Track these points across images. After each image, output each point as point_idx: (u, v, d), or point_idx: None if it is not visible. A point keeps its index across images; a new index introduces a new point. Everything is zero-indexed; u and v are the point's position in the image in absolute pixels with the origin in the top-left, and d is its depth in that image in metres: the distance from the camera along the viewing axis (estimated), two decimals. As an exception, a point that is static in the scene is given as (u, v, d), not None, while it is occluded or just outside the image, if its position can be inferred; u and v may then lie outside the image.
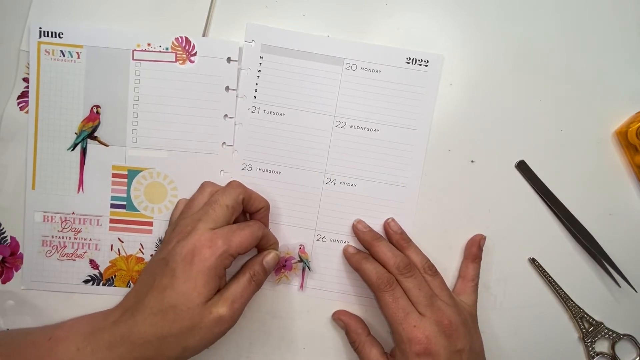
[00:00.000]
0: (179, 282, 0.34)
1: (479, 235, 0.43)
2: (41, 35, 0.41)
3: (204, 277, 0.34)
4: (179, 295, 0.34)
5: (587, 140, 0.43)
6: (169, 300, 0.34)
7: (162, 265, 0.36)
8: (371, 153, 0.43)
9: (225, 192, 0.38)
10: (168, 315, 0.34)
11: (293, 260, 0.43)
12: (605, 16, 0.43)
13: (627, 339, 0.43)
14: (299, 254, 0.43)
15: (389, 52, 0.42)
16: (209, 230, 0.36)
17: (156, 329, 0.34)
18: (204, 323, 0.34)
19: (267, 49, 0.42)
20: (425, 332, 0.36)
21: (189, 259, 0.35)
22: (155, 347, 0.34)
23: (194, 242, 0.35)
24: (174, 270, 0.35)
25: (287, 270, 0.43)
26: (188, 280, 0.34)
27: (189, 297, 0.34)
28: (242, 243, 0.36)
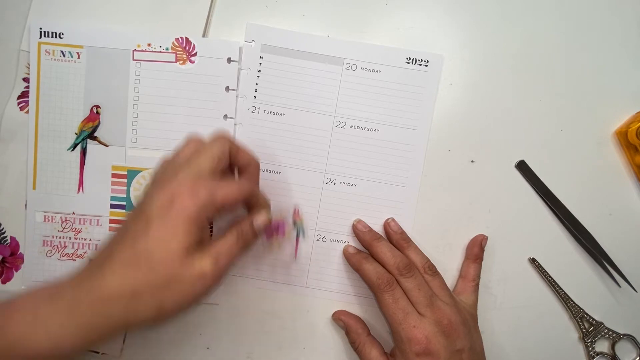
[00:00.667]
0: (155, 228, 0.30)
1: (480, 235, 0.43)
2: (41, 35, 0.41)
3: (183, 225, 0.30)
4: (154, 241, 0.30)
5: (587, 140, 0.43)
6: (143, 248, 0.30)
7: (136, 214, 0.32)
8: (371, 153, 0.43)
9: (210, 142, 0.34)
10: (141, 265, 0.30)
11: (286, 226, 0.39)
12: (605, 16, 0.43)
13: (627, 339, 0.43)
14: (294, 218, 0.40)
15: (389, 52, 0.42)
16: (190, 179, 0.32)
17: (127, 281, 0.30)
18: (184, 276, 0.30)
19: (267, 49, 0.42)
20: (425, 332, 0.36)
21: (166, 206, 0.31)
22: (126, 305, 0.30)
23: (173, 189, 0.31)
24: (149, 217, 0.31)
25: (280, 235, 0.39)
26: (165, 227, 0.30)
27: (166, 244, 0.30)
28: (228, 195, 0.32)
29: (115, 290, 0.30)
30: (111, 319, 0.30)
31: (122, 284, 0.30)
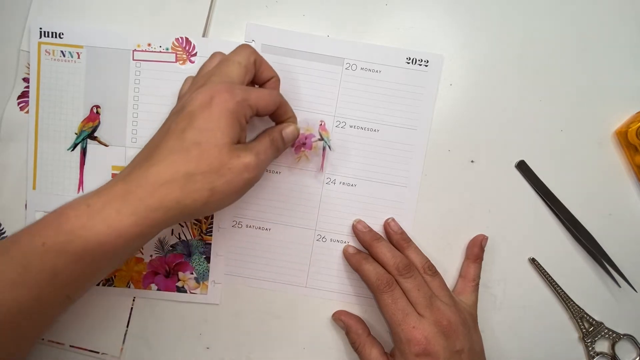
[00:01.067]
0: (200, 121, 0.32)
1: (481, 235, 0.43)
2: (41, 35, 0.41)
3: (226, 119, 0.32)
4: (201, 132, 0.32)
5: (587, 140, 0.43)
6: (191, 138, 0.32)
7: (178, 112, 0.33)
8: (371, 153, 0.43)
9: (235, 52, 0.36)
10: (192, 152, 0.31)
11: (313, 139, 0.41)
12: (605, 16, 0.43)
13: (627, 339, 0.43)
14: (320, 131, 0.42)
15: (389, 52, 0.42)
16: (225, 82, 0.34)
17: (178, 166, 0.31)
18: (232, 165, 0.32)
19: (267, 49, 0.42)
20: (424, 333, 0.36)
21: (207, 102, 0.32)
22: (181, 188, 0.31)
23: (211, 89, 0.33)
24: (192, 112, 0.32)
25: (306, 149, 0.41)
26: (209, 120, 0.32)
27: (213, 134, 0.32)
28: (261, 98, 0.34)
29: (169, 175, 0.31)
30: (166, 202, 0.31)
31: (175, 169, 0.31)
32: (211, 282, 0.43)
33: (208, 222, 0.43)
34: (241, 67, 0.35)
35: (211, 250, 0.43)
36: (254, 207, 0.43)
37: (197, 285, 0.43)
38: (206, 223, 0.43)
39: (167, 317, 0.43)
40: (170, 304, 0.43)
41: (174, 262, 0.43)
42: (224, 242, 0.43)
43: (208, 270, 0.43)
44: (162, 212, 0.31)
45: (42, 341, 0.42)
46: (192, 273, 0.43)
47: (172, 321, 0.43)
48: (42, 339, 0.42)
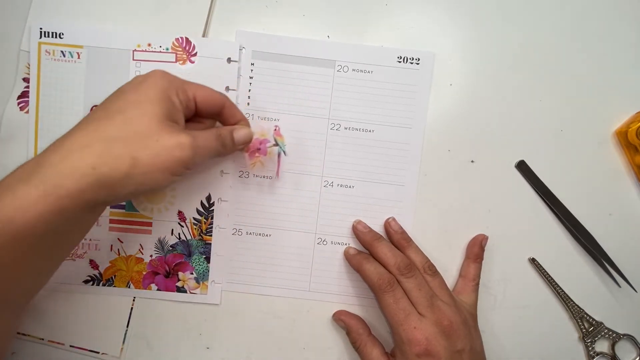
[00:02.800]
0: (128, 95, 0.31)
1: (481, 235, 0.43)
2: (42, 35, 0.41)
3: (155, 93, 0.31)
4: (128, 103, 0.30)
5: (587, 140, 0.43)
6: (117, 107, 0.30)
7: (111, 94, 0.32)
8: (367, 154, 0.43)
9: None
10: (115, 119, 0.29)
11: (268, 144, 0.40)
12: (605, 16, 0.43)
13: (627, 339, 0.43)
14: (274, 137, 0.40)
15: (380, 52, 0.42)
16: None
17: (100, 131, 0.29)
18: (162, 138, 0.30)
19: (258, 55, 0.42)
20: (425, 334, 0.36)
21: (139, 81, 0.32)
22: (98, 151, 0.28)
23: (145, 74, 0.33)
24: (122, 89, 0.32)
25: (261, 154, 0.40)
26: (138, 94, 0.31)
27: (140, 105, 0.30)
28: (199, 88, 0.34)
29: (86, 140, 0.29)
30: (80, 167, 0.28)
31: (94, 135, 0.29)
32: (211, 282, 0.43)
33: (208, 222, 0.43)
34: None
35: (211, 250, 0.43)
36: (253, 214, 0.43)
37: (197, 285, 0.43)
38: (206, 223, 0.43)
39: (167, 317, 0.43)
40: (170, 304, 0.43)
41: (174, 262, 0.43)
42: (224, 244, 0.43)
43: (208, 270, 0.43)
44: (75, 180, 0.28)
45: (42, 341, 0.42)
46: (192, 273, 0.43)
47: (172, 321, 0.43)
48: (42, 339, 0.42)
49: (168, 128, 0.30)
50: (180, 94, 0.33)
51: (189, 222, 0.43)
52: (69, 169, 0.28)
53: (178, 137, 0.30)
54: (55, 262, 0.32)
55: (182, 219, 0.43)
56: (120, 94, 0.32)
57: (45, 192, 0.27)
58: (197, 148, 0.32)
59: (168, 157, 0.30)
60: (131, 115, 0.30)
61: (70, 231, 0.31)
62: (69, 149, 0.28)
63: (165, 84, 0.32)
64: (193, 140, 0.31)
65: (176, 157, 0.30)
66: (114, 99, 0.32)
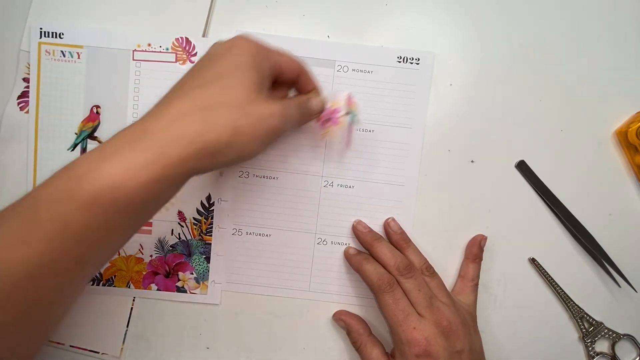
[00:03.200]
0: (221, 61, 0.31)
1: (480, 235, 0.43)
2: (42, 35, 0.41)
3: (247, 61, 0.31)
4: (224, 69, 0.30)
5: (587, 140, 0.43)
6: (214, 73, 0.30)
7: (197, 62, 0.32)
8: (367, 154, 0.43)
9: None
10: (215, 85, 0.29)
11: (339, 113, 0.38)
12: (605, 16, 0.43)
13: (627, 339, 0.43)
14: (347, 106, 0.39)
15: (380, 52, 0.42)
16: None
17: (202, 98, 0.29)
18: (258, 106, 0.30)
19: None
20: (425, 334, 0.36)
21: (227, 47, 0.32)
22: (203, 118, 0.28)
23: (230, 40, 0.32)
24: (211, 55, 0.32)
25: (332, 124, 0.39)
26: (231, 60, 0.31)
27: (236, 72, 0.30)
28: (281, 54, 0.34)
29: (189, 107, 0.29)
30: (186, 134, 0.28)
31: (197, 102, 0.29)
32: (211, 282, 0.43)
33: (208, 222, 0.43)
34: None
35: (211, 250, 0.43)
36: (253, 214, 0.43)
37: (197, 285, 0.43)
38: (206, 223, 0.43)
39: (167, 317, 0.43)
40: (170, 304, 0.43)
41: (174, 262, 0.43)
42: (224, 244, 0.43)
43: (208, 270, 0.43)
44: (181, 148, 0.27)
45: (42, 341, 0.42)
46: (192, 273, 0.43)
47: (172, 321, 0.43)
48: (42, 339, 0.42)
49: (262, 96, 0.31)
50: (267, 60, 0.33)
51: (189, 222, 0.43)
52: (174, 136, 0.27)
53: (272, 105, 0.31)
54: (136, 230, 0.30)
55: (182, 219, 0.43)
56: (212, 61, 0.31)
57: (151, 160, 0.27)
58: (286, 117, 0.32)
59: (264, 126, 0.30)
60: (229, 83, 0.30)
61: (163, 200, 0.30)
62: (172, 117, 0.28)
63: (254, 49, 0.32)
64: (283, 109, 0.32)
65: (271, 125, 0.31)
66: (207, 65, 0.31)
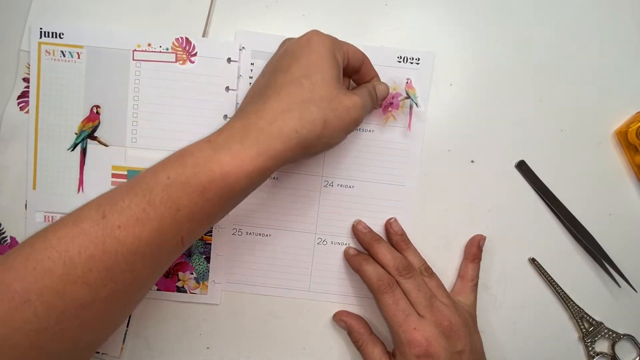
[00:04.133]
0: (304, 58, 0.33)
1: (479, 235, 0.43)
2: (42, 35, 0.41)
3: (326, 55, 0.33)
4: (308, 67, 0.33)
5: (587, 140, 0.43)
6: (300, 72, 0.33)
7: (280, 57, 0.35)
8: (367, 154, 0.43)
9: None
10: (304, 84, 0.32)
11: (400, 97, 0.41)
12: (605, 16, 0.43)
13: (627, 339, 0.43)
14: (406, 90, 0.41)
15: (380, 52, 0.42)
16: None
17: (296, 96, 0.32)
18: (342, 99, 0.33)
19: (258, 55, 0.42)
20: (425, 335, 0.36)
21: (306, 42, 0.34)
22: (299, 115, 0.31)
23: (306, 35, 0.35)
24: (293, 52, 0.34)
25: (393, 108, 0.41)
26: (313, 56, 0.33)
27: (319, 69, 0.33)
28: (348, 45, 0.36)
29: (286, 105, 0.32)
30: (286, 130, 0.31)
31: (292, 99, 0.32)
32: (211, 282, 0.43)
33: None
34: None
35: (211, 250, 0.43)
36: (253, 214, 0.43)
37: (197, 285, 0.43)
38: (206, 223, 0.43)
39: (167, 317, 0.43)
40: (170, 304, 0.43)
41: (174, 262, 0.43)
42: (224, 244, 0.43)
43: (208, 270, 0.43)
44: (282, 142, 0.31)
45: (42, 341, 0.42)
46: (192, 273, 0.43)
47: (172, 321, 0.43)
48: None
49: (342, 89, 0.34)
50: (341, 52, 0.35)
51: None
52: (277, 132, 0.31)
53: (352, 97, 0.34)
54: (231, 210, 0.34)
55: (182, 219, 0.43)
56: (294, 58, 0.34)
57: (258, 152, 0.30)
58: (364, 107, 0.35)
59: (347, 118, 0.34)
60: (316, 80, 0.32)
61: (258, 185, 0.33)
62: (272, 114, 0.31)
63: (329, 43, 0.34)
64: (361, 99, 0.35)
65: (353, 117, 0.34)
66: (291, 63, 0.33)
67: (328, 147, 0.35)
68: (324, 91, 0.32)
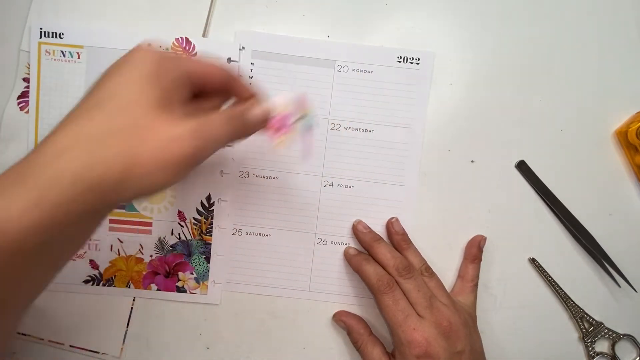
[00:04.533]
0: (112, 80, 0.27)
1: (479, 235, 0.43)
2: (42, 35, 0.41)
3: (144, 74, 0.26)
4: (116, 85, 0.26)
5: (587, 140, 0.43)
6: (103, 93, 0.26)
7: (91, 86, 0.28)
8: (367, 153, 0.43)
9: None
10: (101, 110, 0.25)
11: (292, 119, 0.33)
12: (605, 16, 0.43)
13: (627, 339, 0.43)
14: (300, 110, 0.33)
15: (381, 52, 0.42)
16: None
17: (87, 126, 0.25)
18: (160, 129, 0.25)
19: (258, 55, 0.42)
20: (425, 335, 0.36)
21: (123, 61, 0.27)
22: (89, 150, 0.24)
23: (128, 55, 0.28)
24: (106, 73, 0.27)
25: (285, 132, 0.33)
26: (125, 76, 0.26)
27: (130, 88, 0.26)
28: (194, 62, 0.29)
29: (72, 138, 0.25)
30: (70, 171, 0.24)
31: (80, 130, 0.25)
32: (211, 282, 0.43)
33: (208, 222, 0.43)
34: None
35: (211, 250, 0.43)
36: (253, 214, 0.43)
37: (197, 285, 0.43)
38: (206, 223, 0.43)
39: (167, 317, 0.43)
40: (170, 304, 0.43)
41: (174, 262, 0.43)
42: (224, 244, 0.43)
43: (208, 270, 0.43)
44: (61, 189, 0.24)
45: (42, 341, 0.42)
46: (192, 273, 0.43)
47: (172, 321, 0.43)
48: (42, 339, 0.42)
49: (168, 115, 0.26)
50: (175, 71, 0.28)
51: (189, 222, 0.43)
52: (53, 178, 0.24)
53: (180, 125, 0.26)
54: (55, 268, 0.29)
55: (182, 219, 0.43)
56: (104, 80, 0.27)
57: (31, 204, 0.23)
58: (203, 137, 0.26)
59: (170, 152, 0.25)
60: (120, 104, 0.25)
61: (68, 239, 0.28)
62: (52, 152, 0.25)
63: (154, 59, 0.27)
64: (198, 128, 0.26)
65: (180, 151, 0.25)
66: (98, 86, 0.27)
67: (146, 191, 0.26)
68: (132, 117, 0.25)
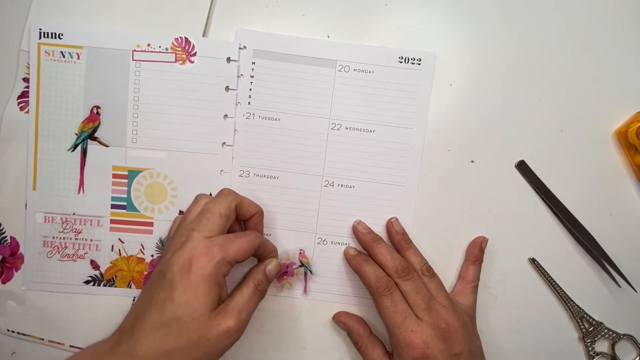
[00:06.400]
0: (179, 292, 0.33)
1: (481, 237, 0.43)
2: (41, 36, 0.41)
3: (204, 285, 0.33)
4: (180, 306, 0.33)
5: (587, 140, 0.43)
6: (171, 313, 0.33)
7: (160, 279, 0.35)
8: (368, 154, 0.43)
9: (217, 201, 0.37)
10: (172, 328, 0.33)
11: (294, 266, 0.43)
12: (605, 16, 0.43)
13: (627, 339, 0.43)
14: (300, 259, 0.43)
15: (382, 52, 0.42)
16: (204, 238, 0.35)
17: (161, 343, 0.32)
18: (212, 334, 0.33)
19: (259, 54, 0.42)
20: (423, 337, 0.36)
21: (186, 268, 0.34)
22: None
23: (190, 250, 0.34)
24: (171, 281, 0.34)
25: (289, 276, 0.43)
26: (188, 290, 0.33)
27: (191, 307, 0.33)
28: (239, 250, 0.35)
29: (150, 352, 0.32)
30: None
31: (156, 346, 0.32)
32: (211, 282, 0.43)
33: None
34: (222, 218, 0.36)
35: (211, 250, 0.43)
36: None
37: (197, 285, 0.43)
38: (206, 223, 0.43)
39: (167, 317, 0.43)
40: (170, 304, 0.43)
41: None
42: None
43: (208, 270, 0.43)
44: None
45: (42, 341, 0.42)
46: (192, 273, 0.43)
47: None
48: (42, 339, 0.42)
49: (215, 320, 0.33)
50: (226, 270, 0.35)
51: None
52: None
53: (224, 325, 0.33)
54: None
55: (182, 219, 0.43)
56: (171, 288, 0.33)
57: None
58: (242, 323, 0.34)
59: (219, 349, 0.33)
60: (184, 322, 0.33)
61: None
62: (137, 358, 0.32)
63: (212, 269, 0.34)
64: (237, 319, 0.34)
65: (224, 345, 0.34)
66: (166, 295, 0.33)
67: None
68: (192, 332, 0.32)
